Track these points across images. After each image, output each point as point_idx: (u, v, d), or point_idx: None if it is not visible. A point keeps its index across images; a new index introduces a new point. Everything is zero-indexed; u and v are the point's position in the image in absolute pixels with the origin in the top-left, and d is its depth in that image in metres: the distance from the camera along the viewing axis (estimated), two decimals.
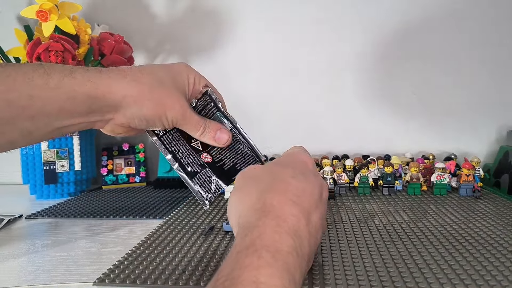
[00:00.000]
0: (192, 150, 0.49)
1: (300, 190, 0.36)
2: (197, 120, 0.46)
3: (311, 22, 0.92)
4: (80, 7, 0.77)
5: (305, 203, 0.35)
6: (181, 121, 0.45)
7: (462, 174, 0.74)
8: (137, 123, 0.44)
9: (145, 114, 0.43)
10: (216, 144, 0.48)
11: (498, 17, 0.87)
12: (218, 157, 0.49)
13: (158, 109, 0.43)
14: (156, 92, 0.43)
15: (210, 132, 0.47)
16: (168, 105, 0.44)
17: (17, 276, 0.45)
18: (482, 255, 0.45)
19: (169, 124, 0.45)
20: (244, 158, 0.49)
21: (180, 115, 0.45)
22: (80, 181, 0.85)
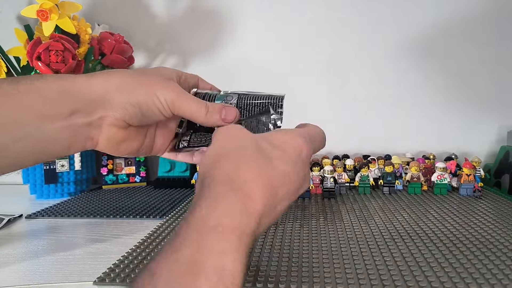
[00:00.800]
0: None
1: (280, 176, 0.34)
2: (198, 99, 0.41)
3: (311, 22, 0.92)
4: (81, 7, 0.77)
5: (280, 191, 0.33)
6: (178, 101, 0.39)
7: (463, 174, 0.73)
8: (131, 113, 0.38)
9: (135, 98, 0.38)
10: (223, 123, 0.42)
11: (498, 17, 0.87)
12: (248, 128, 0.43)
13: (147, 90, 0.38)
14: (139, 77, 0.39)
15: (216, 111, 0.41)
16: (157, 85, 0.39)
17: (17, 275, 0.45)
18: (483, 254, 0.45)
19: (164, 107, 0.39)
20: (266, 97, 0.45)
21: (175, 93, 0.39)
22: (80, 180, 0.85)
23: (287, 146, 0.36)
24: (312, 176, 0.75)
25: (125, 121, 0.38)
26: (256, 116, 0.44)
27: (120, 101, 0.37)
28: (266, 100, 0.44)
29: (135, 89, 0.38)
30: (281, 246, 0.48)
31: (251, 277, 0.40)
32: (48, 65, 0.70)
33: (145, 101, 0.38)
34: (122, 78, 0.38)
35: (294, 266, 0.42)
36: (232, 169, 0.32)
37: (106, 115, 0.37)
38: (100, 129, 0.38)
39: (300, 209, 0.65)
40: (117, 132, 0.39)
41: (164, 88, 0.39)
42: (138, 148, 0.42)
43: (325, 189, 0.73)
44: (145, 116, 0.39)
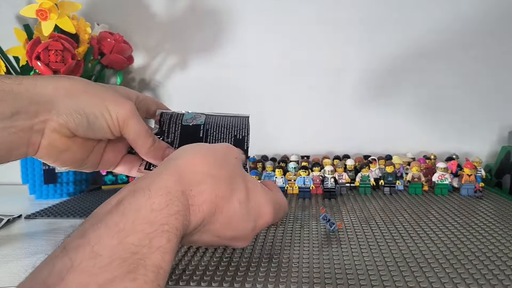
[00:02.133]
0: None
1: (229, 213, 0.34)
2: (148, 129, 0.40)
3: (311, 22, 0.92)
4: (80, 6, 0.76)
5: (219, 222, 0.34)
6: (130, 121, 0.37)
7: (464, 174, 0.73)
8: (76, 121, 0.35)
9: (83, 106, 0.35)
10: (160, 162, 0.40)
11: (499, 17, 0.87)
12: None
13: (98, 101, 0.36)
14: (92, 86, 0.37)
15: (160, 148, 0.41)
16: (109, 99, 0.37)
17: (16, 276, 0.44)
18: (484, 254, 0.45)
19: (114, 123, 0.37)
20: (233, 124, 0.48)
21: (129, 113, 0.37)
22: (80, 181, 0.85)
23: (255, 201, 0.36)
24: (313, 176, 0.75)
25: (69, 128, 0.36)
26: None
27: (67, 106, 0.35)
28: (233, 117, 0.48)
29: (86, 97, 0.36)
30: (281, 246, 0.48)
31: (251, 277, 0.40)
32: (48, 64, 0.70)
33: (94, 112, 0.36)
34: (73, 84, 0.36)
35: (294, 266, 0.42)
36: (200, 173, 0.33)
37: (49, 119, 0.35)
38: (42, 134, 0.35)
39: (300, 209, 0.65)
40: (59, 139, 0.36)
41: (118, 105, 0.37)
42: (82, 161, 0.40)
43: (325, 189, 0.72)
44: (91, 128, 0.37)
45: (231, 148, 0.39)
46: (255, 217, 0.36)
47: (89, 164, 0.41)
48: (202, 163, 0.34)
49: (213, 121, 0.46)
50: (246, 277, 0.40)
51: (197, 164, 0.34)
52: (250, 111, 0.94)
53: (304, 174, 0.74)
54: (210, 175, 0.34)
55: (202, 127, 0.46)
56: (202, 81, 0.94)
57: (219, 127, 0.46)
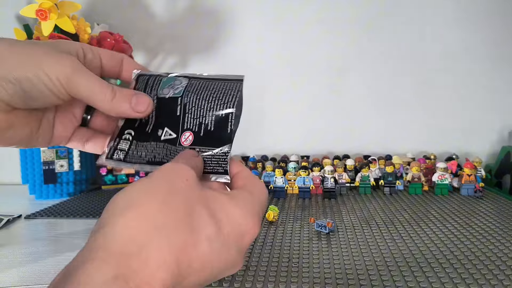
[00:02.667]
0: (167, 145, 0.34)
1: (197, 260, 0.26)
2: (101, 80, 0.32)
3: (311, 21, 0.92)
4: (80, 6, 0.76)
5: (189, 279, 0.26)
6: (74, 78, 0.30)
7: (464, 174, 0.73)
8: (10, 91, 0.29)
9: (14, 73, 0.29)
10: (136, 115, 0.33)
11: (499, 17, 0.87)
12: (194, 121, 0.34)
13: (30, 63, 0.29)
14: (21, 47, 0.30)
15: (125, 98, 0.32)
16: (43, 58, 0.30)
17: (16, 276, 0.44)
18: (484, 254, 0.45)
19: (55, 86, 0.30)
20: (222, 92, 0.35)
21: (70, 69, 0.30)
22: (80, 181, 0.85)
23: (229, 223, 0.28)
24: (313, 176, 0.75)
25: (4, 101, 0.29)
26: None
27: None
28: (222, 82, 0.35)
29: (13, 60, 0.29)
30: (281, 246, 0.48)
31: (251, 276, 0.40)
32: None
33: (27, 77, 0.29)
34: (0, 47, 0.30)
35: (294, 266, 0.42)
36: (137, 234, 0.24)
37: None
38: None
39: (300, 209, 0.65)
40: (1, 116, 0.30)
41: (56, 62, 0.30)
42: (30, 136, 0.33)
43: (325, 189, 0.72)
44: (30, 97, 0.30)
45: (175, 172, 0.29)
46: (236, 240, 0.28)
47: (40, 140, 0.34)
48: (139, 218, 0.25)
49: (195, 90, 0.34)
50: (246, 277, 0.40)
51: (129, 226, 0.25)
52: (250, 111, 0.94)
53: (304, 174, 0.74)
54: (154, 230, 0.25)
55: (180, 100, 0.34)
56: None
57: (200, 99, 0.34)
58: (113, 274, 0.22)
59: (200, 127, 0.33)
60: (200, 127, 0.33)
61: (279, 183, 0.74)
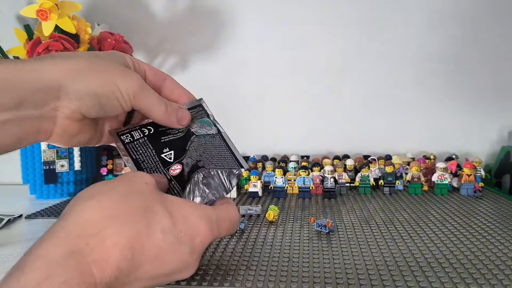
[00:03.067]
0: (160, 162, 0.39)
1: (150, 249, 0.29)
2: (158, 95, 0.38)
3: (311, 22, 0.92)
4: (80, 6, 0.76)
5: (141, 268, 0.28)
6: (139, 94, 0.35)
7: (463, 174, 0.73)
8: (89, 104, 0.33)
9: (94, 88, 0.33)
10: (177, 125, 0.39)
11: (499, 17, 0.87)
12: (190, 164, 0.40)
13: (108, 80, 0.34)
14: (96, 63, 0.34)
15: (173, 111, 0.38)
16: (117, 75, 0.34)
17: None
18: (483, 254, 0.45)
19: (125, 100, 0.35)
20: (223, 168, 0.41)
21: (137, 86, 0.35)
22: (80, 181, 0.85)
23: (183, 222, 0.31)
24: (313, 176, 0.75)
25: (81, 113, 0.34)
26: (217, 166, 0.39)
27: (77, 90, 0.33)
28: (231, 160, 0.40)
29: (94, 77, 0.33)
30: (281, 246, 0.48)
31: (251, 276, 0.40)
32: None
33: (105, 93, 0.34)
34: (78, 62, 0.34)
35: (294, 266, 0.42)
36: (95, 220, 0.28)
37: (60, 106, 0.33)
38: (54, 122, 0.33)
39: (300, 209, 0.65)
40: (72, 124, 0.34)
41: (126, 79, 0.35)
42: (89, 139, 0.38)
43: (325, 189, 0.73)
44: (103, 109, 0.35)
45: (136, 176, 0.33)
46: (188, 239, 0.31)
47: (94, 141, 0.39)
48: (96, 208, 0.28)
49: (210, 147, 0.41)
50: (246, 276, 0.40)
51: (89, 212, 0.28)
52: (250, 111, 0.95)
53: (304, 174, 0.74)
54: (111, 217, 0.28)
55: (195, 142, 0.41)
56: (202, 81, 0.94)
57: (207, 159, 0.40)
58: (70, 249, 0.25)
59: (190, 171, 0.39)
60: (190, 172, 0.39)
61: (279, 183, 0.74)
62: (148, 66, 0.41)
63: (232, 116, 0.95)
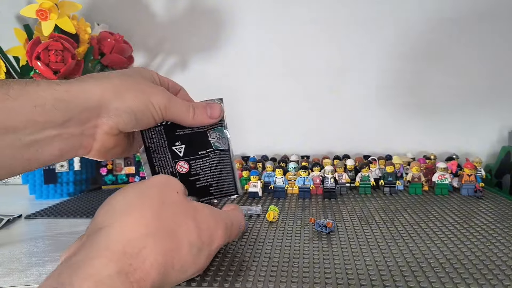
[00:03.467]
0: (169, 154, 0.43)
1: (182, 263, 0.32)
2: (184, 102, 0.41)
3: (311, 21, 0.92)
4: (80, 6, 0.76)
5: (171, 277, 0.32)
6: (169, 105, 0.39)
7: (464, 174, 0.73)
8: (126, 120, 0.37)
9: (131, 105, 0.37)
10: (211, 121, 0.43)
11: (499, 17, 0.87)
12: (197, 170, 0.44)
13: (142, 97, 0.38)
14: (130, 82, 0.38)
15: (201, 111, 0.42)
16: (149, 91, 0.39)
17: (16, 276, 0.44)
18: (484, 254, 0.45)
19: (157, 113, 0.39)
20: (222, 184, 0.45)
21: (167, 99, 0.39)
22: (80, 181, 0.85)
23: (206, 233, 0.35)
24: (313, 176, 0.75)
25: (118, 128, 0.38)
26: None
27: (116, 108, 0.36)
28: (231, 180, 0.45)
29: (131, 96, 0.37)
30: (281, 246, 0.48)
31: (251, 277, 0.40)
32: (48, 64, 0.70)
33: (141, 109, 0.38)
34: (117, 84, 0.37)
35: (294, 266, 0.42)
36: (135, 238, 0.30)
37: (100, 123, 0.36)
38: (94, 138, 0.37)
39: (300, 209, 0.65)
40: (110, 139, 0.38)
41: (156, 94, 0.39)
42: (123, 151, 0.42)
43: (325, 189, 0.72)
44: (138, 123, 0.39)
45: (167, 185, 0.36)
46: (208, 247, 0.35)
47: (126, 153, 0.43)
48: (137, 223, 0.31)
49: (221, 159, 0.45)
50: (246, 277, 0.40)
51: (131, 229, 0.30)
52: (250, 111, 0.94)
53: (304, 174, 0.74)
54: (149, 235, 0.30)
55: (210, 151, 0.44)
56: (202, 81, 0.94)
57: (214, 169, 0.44)
58: (117, 270, 0.27)
59: (196, 175, 0.43)
60: (196, 175, 0.43)
61: (279, 183, 0.74)
62: (168, 79, 0.45)
63: (232, 116, 0.94)
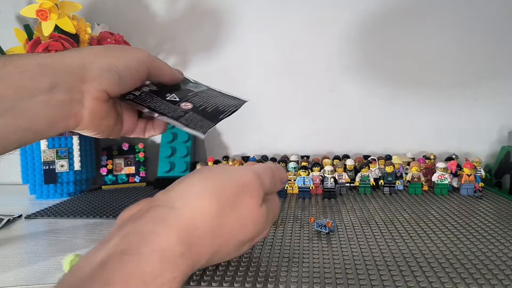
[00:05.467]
0: (169, 103, 0.44)
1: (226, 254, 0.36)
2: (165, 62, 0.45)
3: (311, 21, 0.92)
4: (80, 6, 0.77)
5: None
6: (151, 59, 0.42)
7: (463, 174, 0.73)
8: (110, 80, 0.37)
9: (113, 62, 0.38)
10: (181, 76, 0.48)
11: (499, 16, 0.87)
12: (199, 102, 0.45)
13: (123, 54, 0.40)
14: (111, 46, 0.41)
15: (175, 69, 0.47)
16: (130, 49, 0.42)
17: (16, 276, 0.45)
18: (484, 254, 0.45)
19: (142, 66, 0.41)
20: (226, 102, 0.48)
21: (147, 53, 0.42)
22: (80, 181, 0.85)
23: (260, 231, 0.38)
24: (313, 176, 0.75)
25: (105, 91, 0.38)
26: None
27: (98, 68, 0.37)
28: (227, 98, 0.49)
29: (112, 54, 0.39)
30: (281, 246, 0.48)
31: (251, 277, 0.40)
32: None
33: (123, 63, 0.39)
34: (98, 49, 0.39)
35: (294, 266, 0.42)
36: (200, 229, 0.32)
37: (86, 89, 0.36)
38: (82, 104, 0.37)
39: (300, 209, 0.65)
40: (99, 106, 0.38)
41: (137, 51, 0.41)
42: (115, 124, 0.42)
43: (325, 189, 0.73)
44: (123, 82, 0.39)
45: (247, 186, 0.36)
46: (251, 241, 0.38)
47: (116, 131, 0.43)
48: (207, 215, 0.33)
49: (208, 94, 0.48)
50: (246, 277, 0.40)
51: (201, 217, 0.32)
52: (250, 111, 0.94)
53: (304, 174, 0.74)
54: (213, 228, 0.33)
55: (195, 91, 0.48)
56: (202, 81, 0.94)
57: (209, 97, 0.47)
58: (181, 251, 0.29)
59: (200, 106, 0.45)
60: (201, 106, 0.45)
61: None
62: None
63: (232, 115, 0.95)
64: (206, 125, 0.42)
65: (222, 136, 0.96)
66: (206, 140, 0.97)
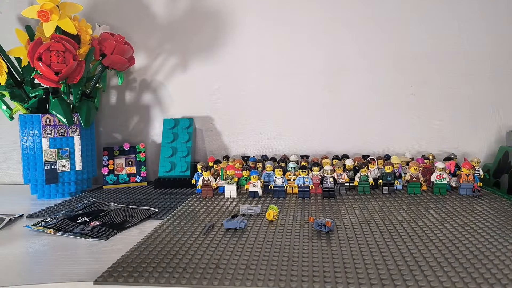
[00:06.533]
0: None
1: None
2: None
3: (311, 22, 0.92)
4: (81, 8, 0.77)
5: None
6: None
7: (462, 174, 0.74)
8: None
9: None
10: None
11: (498, 17, 0.87)
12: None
13: None
14: None
15: None
16: None
17: (17, 275, 0.45)
18: (482, 253, 0.45)
19: None
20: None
21: None
22: (81, 180, 0.85)
23: None
24: (312, 176, 0.76)
25: None
26: None
27: None
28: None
29: None
30: (281, 245, 0.49)
31: (251, 275, 0.40)
32: (49, 65, 0.70)
33: None
34: None
35: (294, 265, 0.43)
36: None
37: None
38: None
39: (300, 208, 0.66)
40: None
41: None
42: None
43: (324, 189, 0.73)
44: None
45: None
46: None
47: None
48: None
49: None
50: (246, 275, 0.40)
51: None
52: (250, 111, 0.95)
53: (304, 174, 0.74)
54: None
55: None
56: (202, 81, 0.94)
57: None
58: None
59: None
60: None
61: (279, 182, 0.74)
62: None
63: (233, 116, 0.95)
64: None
65: (222, 136, 0.97)
66: (206, 140, 0.97)
